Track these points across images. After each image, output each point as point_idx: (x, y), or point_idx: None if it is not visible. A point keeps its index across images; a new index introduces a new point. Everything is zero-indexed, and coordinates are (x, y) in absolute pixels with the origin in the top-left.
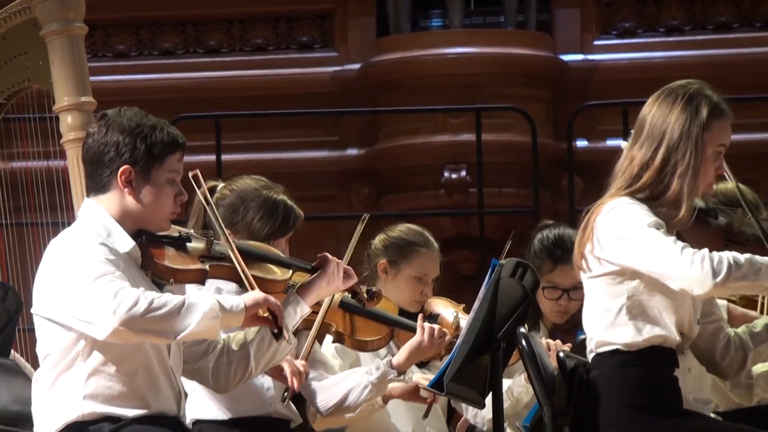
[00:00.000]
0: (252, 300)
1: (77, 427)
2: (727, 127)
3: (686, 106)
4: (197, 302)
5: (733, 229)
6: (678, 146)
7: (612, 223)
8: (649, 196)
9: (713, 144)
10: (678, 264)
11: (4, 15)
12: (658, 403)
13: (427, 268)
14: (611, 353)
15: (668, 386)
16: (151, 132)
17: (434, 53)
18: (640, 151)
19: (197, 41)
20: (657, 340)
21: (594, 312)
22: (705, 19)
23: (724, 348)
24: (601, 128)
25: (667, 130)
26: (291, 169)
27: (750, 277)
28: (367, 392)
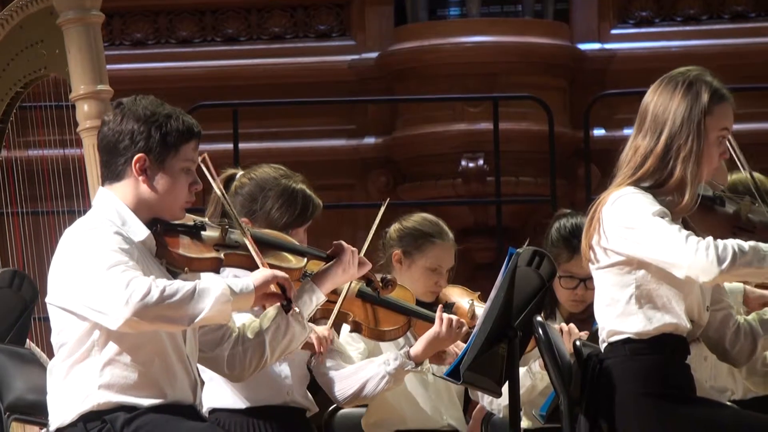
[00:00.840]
0: (261, 279)
1: (93, 416)
2: (728, 110)
3: (687, 93)
4: (208, 287)
5: (740, 216)
6: (680, 132)
7: (617, 214)
8: (653, 184)
9: (716, 128)
10: (683, 252)
11: (21, 3)
12: (671, 390)
13: (442, 259)
14: (623, 342)
15: (680, 374)
16: (166, 120)
17: (452, 42)
18: (643, 141)
19: (215, 30)
20: (668, 328)
21: (604, 302)
22: (722, 8)
23: (733, 335)
24: (618, 117)
25: (668, 117)
26: (308, 157)
27: (755, 263)
28: (384, 383)
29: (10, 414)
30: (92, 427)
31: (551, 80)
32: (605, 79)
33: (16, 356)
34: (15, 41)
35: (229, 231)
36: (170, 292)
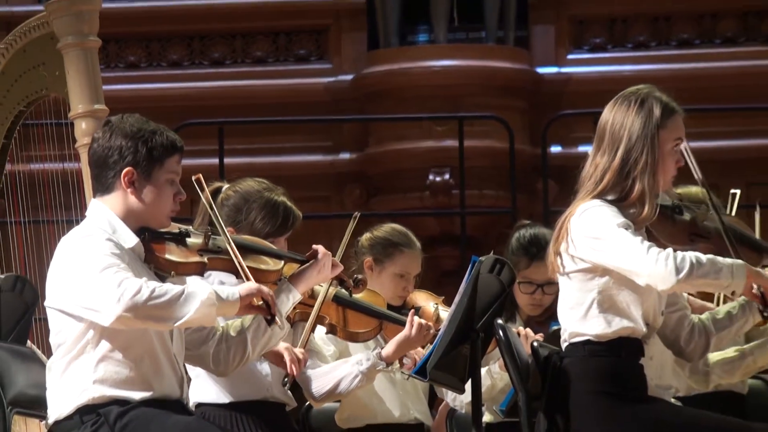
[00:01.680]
0: (246, 290)
1: (88, 409)
2: (679, 122)
3: (640, 109)
4: (195, 292)
5: (696, 224)
6: (636, 146)
7: (584, 224)
8: (616, 198)
9: (669, 140)
10: (644, 262)
11: (24, 29)
12: (624, 390)
13: (409, 266)
14: (583, 343)
15: (634, 374)
16: (152, 136)
17: (420, 66)
18: (602, 158)
19: (202, 53)
20: (625, 332)
21: (568, 305)
22: (669, 36)
23: (688, 334)
24: (574, 135)
25: (624, 134)
26: (288, 171)
27: (711, 275)
28: (357, 381)
29: (12, 408)
30: (88, 419)
31: (512, 101)
32: (562, 100)
33: (18, 354)
34: (19, 64)
35: (211, 237)
36: (159, 293)
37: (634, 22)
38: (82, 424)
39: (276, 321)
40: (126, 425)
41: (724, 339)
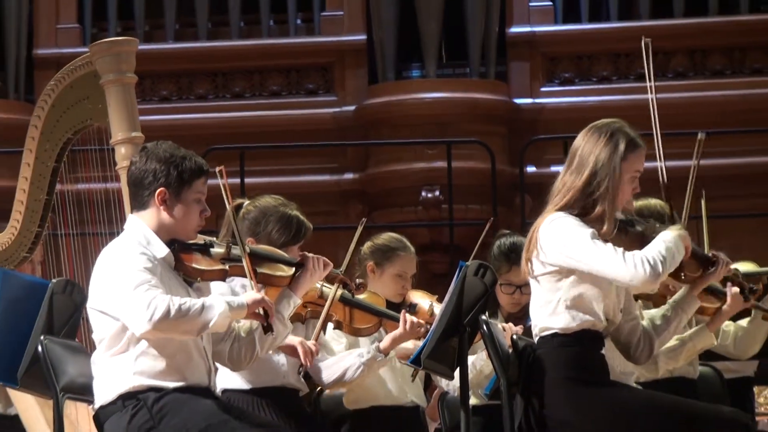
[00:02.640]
0: (252, 300)
1: (129, 396)
2: (641, 157)
3: (608, 142)
4: (213, 305)
5: (646, 236)
6: (600, 172)
7: (553, 233)
8: (578, 213)
9: (629, 171)
10: (624, 270)
11: (71, 68)
12: (588, 376)
13: (406, 267)
14: (552, 336)
15: (597, 362)
16: (182, 161)
17: (414, 97)
18: (570, 177)
19: (225, 88)
20: (587, 325)
21: (538, 304)
22: (628, 71)
23: (637, 342)
24: (547, 157)
25: (591, 160)
26: (300, 189)
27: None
28: (360, 371)
29: (64, 393)
30: (129, 404)
31: (493, 128)
32: (536, 127)
33: (68, 348)
34: (66, 98)
35: (232, 247)
36: (184, 310)
37: (598, 58)
38: (123, 408)
39: (272, 329)
40: (162, 408)
41: (666, 339)
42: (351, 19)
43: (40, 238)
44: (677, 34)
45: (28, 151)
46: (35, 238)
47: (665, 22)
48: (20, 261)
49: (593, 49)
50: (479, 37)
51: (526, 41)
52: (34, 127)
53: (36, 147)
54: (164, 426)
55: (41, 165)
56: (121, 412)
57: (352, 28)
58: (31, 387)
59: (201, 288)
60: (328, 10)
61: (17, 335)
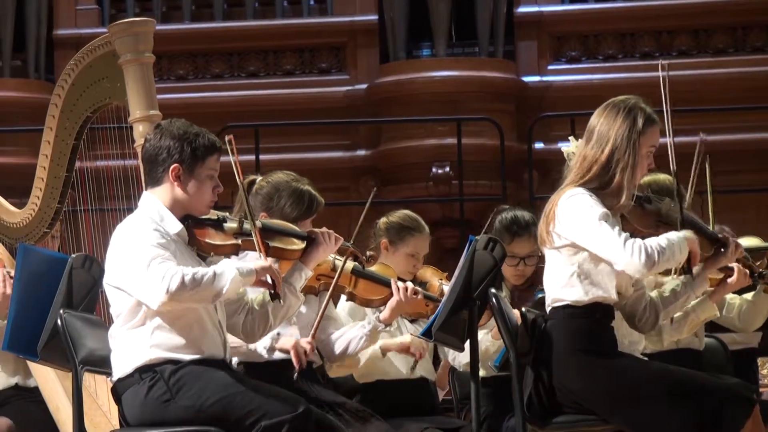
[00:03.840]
0: (260, 267)
1: (146, 368)
2: (656, 132)
3: (626, 117)
4: (224, 271)
5: (662, 212)
6: (620, 147)
7: (570, 208)
8: (597, 186)
9: (646, 145)
10: (621, 253)
11: (90, 48)
12: (597, 347)
13: (419, 247)
14: (563, 307)
15: (606, 334)
16: (196, 138)
17: (424, 76)
18: (590, 152)
19: (240, 67)
20: (599, 299)
21: (552, 275)
22: (633, 49)
23: (642, 310)
24: (554, 134)
25: (612, 135)
26: (313, 166)
27: (672, 259)
28: (363, 341)
29: (83, 366)
30: (146, 376)
31: (502, 105)
32: (543, 104)
33: (87, 321)
34: (86, 77)
35: (244, 222)
36: (198, 279)
37: (604, 37)
38: (141, 380)
39: (280, 296)
40: (179, 380)
41: (671, 312)
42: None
43: (60, 214)
44: (681, 14)
45: (48, 129)
46: (55, 214)
47: (669, 1)
48: (41, 236)
49: (599, 28)
50: (488, 17)
51: (533, 21)
52: (54, 105)
53: (56, 125)
54: (181, 397)
55: (61, 143)
56: (139, 384)
57: (364, 8)
58: (50, 360)
59: (214, 263)
60: None
61: (37, 309)
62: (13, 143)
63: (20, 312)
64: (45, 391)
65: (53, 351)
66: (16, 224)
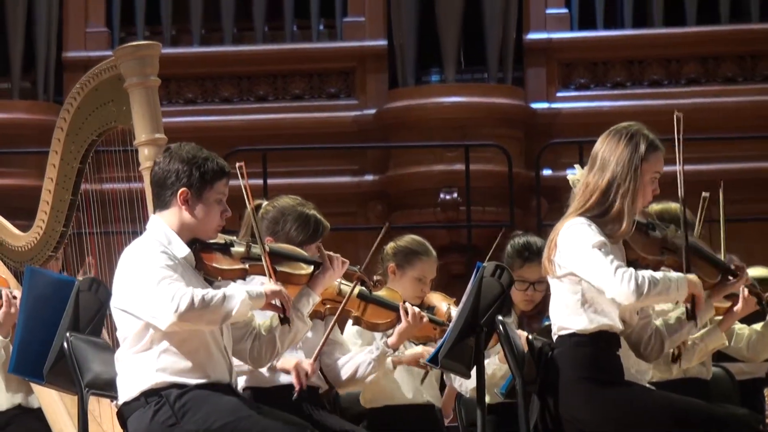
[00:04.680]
0: (270, 290)
1: (152, 392)
2: (660, 158)
3: (628, 143)
4: (233, 294)
5: (667, 240)
6: (621, 173)
7: (568, 237)
8: (597, 213)
9: (650, 171)
10: (611, 282)
11: (96, 71)
12: (603, 375)
13: (426, 272)
14: (569, 336)
15: (612, 362)
16: (204, 162)
17: (433, 101)
18: (592, 179)
19: (249, 91)
20: (604, 327)
21: (557, 304)
22: (642, 77)
23: (648, 339)
24: (562, 161)
25: (613, 161)
26: (321, 191)
27: (663, 293)
28: (371, 367)
29: (89, 389)
30: (152, 400)
31: (510, 131)
32: (552, 131)
33: (93, 345)
34: (92, 101)
35: (252, 247)
36: (207, 300)
37: (612, 65)
38: (147, 404)
39: (289, 320)
40: (184, 405)
41: (676, 341)
42: (372, 24)
43: (65, 237)
44: (690, 42)
45: (53, 153)
46: (60, 237)
47: (678, 29)
48: (46, 260)
49: (608, 55)
50: (497, 43)
51: (542, 47)
52: (59, 129)
53: (62, 148)
54: (186, 422)
55: (66, 166)
56: (144, 408)
57: (373, 33)
58: (56, 383)
59: (221, 287)
60: (350, 15)
61: (43, 332)
62: (21, 165)
63: (26, 334)
64: (49, 414)
65: (59, 374)
66: (21, 248)
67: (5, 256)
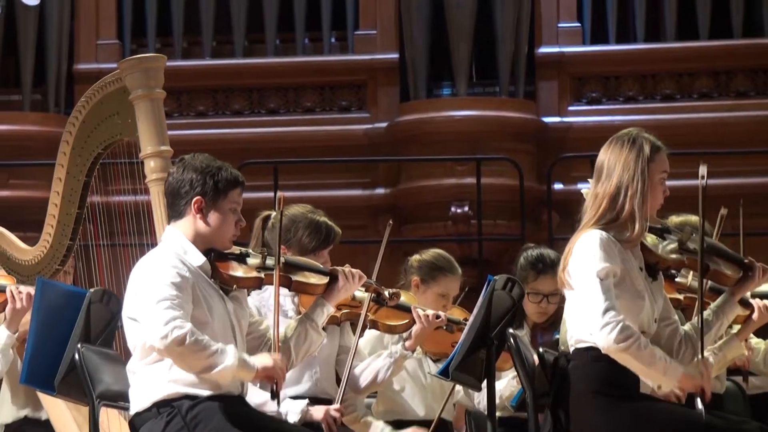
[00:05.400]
0: (262, 365)
1: (164, 403)
2: (665, 157)
3: (632, 147)
4: (227, 353)
5: (682, 242)
6: (628, 176)
7: (580, 252)
8: (610, 219)
9: (657, 171)
10: (596, 320)
11: (101, 84)
12: (618, 390)
13: (450, 288)
14: (586, 349)
15: (628, 376)
16: (218, 171)
17: (444, 115)
18: (600, 188)
19: (260, 104)
20: None
21: (573, 316)
22: (654, 91)
23: (679, 345)
24: (574, 175)
25: (619, 166)
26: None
27: (643, 363)
28: (390, 371)
29: (100, 401)
30: (163, 411)
31: (522, 145)
32: (564, 145)
33: (105, 356)
34: (97, 114)
35: (267, 257)
36: (200, 345)
37: (624, 79)
38: (158, 415)
39: (279, 397)
40: (196, 416)
41: (706, 343)
42: (384, 38)
43: (72, 250)
44: (702, 56)
45: (59, 166)
46: (67, 251)
47: (690, 44)
48: (53, 273)
49: (620, 69)
50: (509, 57)
51: (554, 61)
52: (65, 142)
53: (68, 162)
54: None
55: (72, 179)
56: (156, 419)
57: (384, 46)
58: (67, 394)
59: (237, 296)
60: (362, 29)
61: (55, 343)
62: (32, 177)
63: (38, 346)
64: (57, 426)
65: (70, 385)
66: (28, 261)
67: (13, 271)
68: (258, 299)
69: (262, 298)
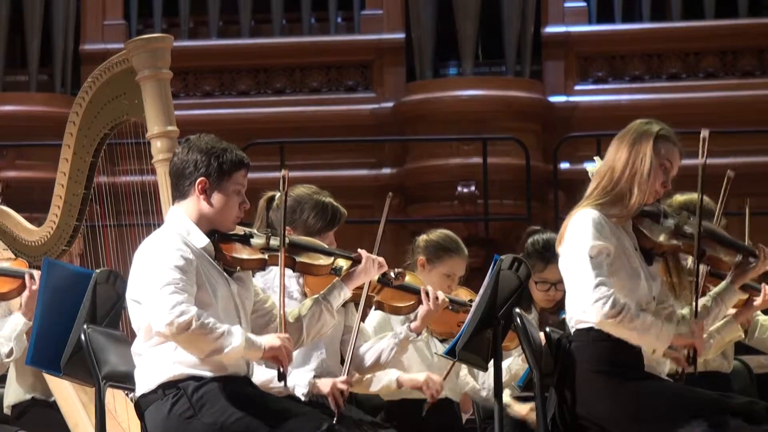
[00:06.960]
0: (269, 344)
1: (170, 384)
2: (671, 149)
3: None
4: (234, 334)
5: (679, 226)
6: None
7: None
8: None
9: (659, 158)
10: (587, 296)
11: (108, 65)
12: (620, 369)
13: (456, 269)
14: (587, 330)
15: (631, 355)
16: (223, 152)
17: (450, 95)
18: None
19: (267, 84)
20: None
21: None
22: (660, 70)
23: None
24: (580, 154)
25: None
26: (339, 183)
27: (636, 331)
28: (394, 352)
29: (106, 381)
30: (169, 392)
31: (528, 125)
32: (570, 124)
33: (111, 337)
34: (104, 94)
35: (271, 238)
36: (207, 327)
37: (631, 58)
38: (164, 396)
39: (286, 378)
40: (202, 397)
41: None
42: (390, 17)
43: (78, 231)
44: (708, 35)
45: (66, 147)
46: (73, 231)
47: (696, 23)
48: (59, 254)
49: (626, 48)
50: (515, 36)
51: (560, 41)
52: (72, 123)
53: (74, 142)
54: (204, 414)
55: (79, 160)
56: (162, 401)
57: (391, 26)
58: (73, 375)
59: (242, 277)
60: (368, 8)
61: (61, 324)
62: (38, 158)
63: (44, 326)
64: (63, 407)
65: (76, 366)
66: (34, 242)
67: (20, 251)
68: (263, 281)
69: (267, 279)
